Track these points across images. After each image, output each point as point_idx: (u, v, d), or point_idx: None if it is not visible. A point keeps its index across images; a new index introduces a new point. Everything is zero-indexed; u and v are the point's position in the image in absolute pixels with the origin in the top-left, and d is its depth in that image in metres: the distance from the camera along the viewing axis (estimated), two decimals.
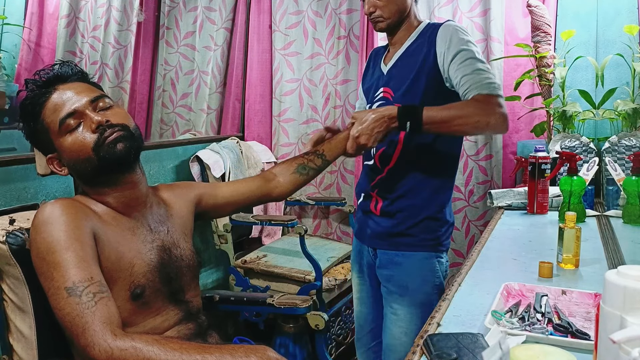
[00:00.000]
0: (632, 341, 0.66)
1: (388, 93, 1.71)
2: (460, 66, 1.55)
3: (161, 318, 1.26)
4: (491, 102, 1.50)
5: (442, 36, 1.61)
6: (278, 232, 3.14)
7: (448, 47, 1.58)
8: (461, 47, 1.57)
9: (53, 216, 1.14)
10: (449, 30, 1.61)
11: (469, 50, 1.57)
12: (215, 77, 3.39)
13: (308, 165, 1.57)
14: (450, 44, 1.58)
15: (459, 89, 1.56)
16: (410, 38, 1.71)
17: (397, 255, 1.71)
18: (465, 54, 1.56)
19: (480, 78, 1.52)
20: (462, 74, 1.54)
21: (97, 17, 3.43)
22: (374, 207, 1.73)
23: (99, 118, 1.20)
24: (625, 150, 2.20)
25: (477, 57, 1.56)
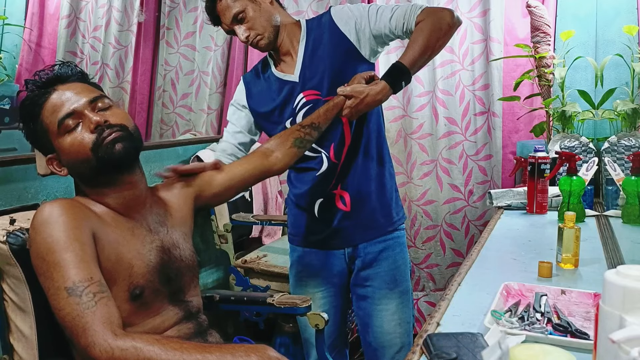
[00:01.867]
0: (632, 341, 0.66)
1: (312, 95, 1.67)
2: (379, 16, 1.60)
3: (161, 318, 1.26)
4: (430, 11, 1.56)
5: (340, 17, 1.64)
6: (278, 232, 3.14)
7: (356, 18, 1.62)
8: (364, 8, 1.63)
9: (52, 216, 1.14)
10: (342, 9, 1.65)
11: (370, 6, 1.63)
12: (215, 77, 3.39)
13: (305, 138, 1.56)
14: (354, 13, 1.63)
15: (397, 31, 1.60)
16: (302, 38, 1.69)
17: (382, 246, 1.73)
18: (374, 7, 1.62)
19: (403, 8, 1.58)
20: (388, 17, 1.59)
21: (97, 17, 3.43)
22: (341, 204, 1.71)
23: (98, 118, 1.20)
24: (625, 151, 2.21)
25: (379, 4, 1.63)
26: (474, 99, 2.80)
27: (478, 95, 2.79)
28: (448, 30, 1.57)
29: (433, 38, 1.54)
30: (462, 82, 2.81)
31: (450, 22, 1.56)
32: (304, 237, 1.80)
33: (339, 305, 1.83)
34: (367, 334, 1.80)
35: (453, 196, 2.84)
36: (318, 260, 1.79)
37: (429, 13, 1.56)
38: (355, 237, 1.74)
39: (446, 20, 1.55)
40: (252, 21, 1.62)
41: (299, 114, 1.68)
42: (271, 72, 1.73)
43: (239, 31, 1.63)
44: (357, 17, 1.62)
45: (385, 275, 1.74)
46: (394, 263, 1.75)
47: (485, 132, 2.79)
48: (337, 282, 1.80)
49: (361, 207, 1.71)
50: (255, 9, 1.62)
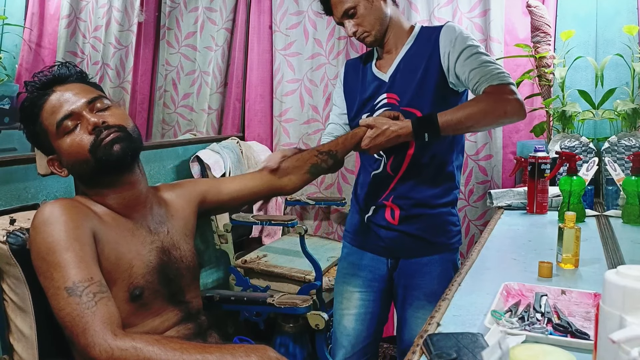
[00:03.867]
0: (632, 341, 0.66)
1: (393, 99, 1.69)
2: (467, 61, 1.57)
3: (160, 319, 1.26)
4: (504, 91, 1.51)
5: (445, 36, 1.62)
6: (278, 232, 3.14)
7: (453, 46, 1.60)
8: (467, 44, 1.59)
9: (53, 216, 1.14)
10: (452, 31, 1.62)
11: (474, 46, 1.59)
12: (216, 77, 3.40)
13: (321, 165, 1.57)
14: (455, 42, 1.60)
15: (469, 84, 1.58)
16: (408, 42, 1.70)
17: (424, 262, 1.70)
18: (471, 50, 1.58)
19: (489, 70, 1.54)
20: (470, 68, 1.56)
21: (98, 17, 3.42)
22: (390, 216, 1.70)
23: (95, 120, 1.20)
24: (625, 150, 2.21)
25: (482, 52, 1.58)
26: None
27: None
28: (501, 117, 1.53)
29: (481, 114, 1.51)
30: None
31: (509, 112, 1.51)
32: (354, 236, 1.82)
33: (376, 312, 1.80)
34: (402, 332, 1.79)
35: None
36: (362, 261, 1.79)
37: (498, 91, 1.51)
38: (399, 252, 1.73)
39: (505, 109, 1.50)
40: (361, 18, 1.65)
41: (375, 113, 1.70)
42: (370, 65, 1.77)
43: (347, 25, 1.67)
44: (453, 47, 1.60)
45: (425, 288, 1.71)
46: (437, 278, 1.70)
47: (486, 132, 2.79)
48: (377, 287, 1.78)
49: (409, 225, 1.70)
50: (367, 7, 1.64)
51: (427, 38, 1.67)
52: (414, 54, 1.68)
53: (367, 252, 1.78)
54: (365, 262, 1.79)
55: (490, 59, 1.57)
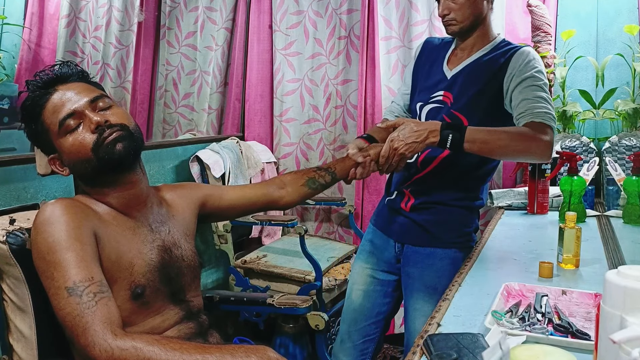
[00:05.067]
0: (633, 341, 0.65)
1: (447, 98, 1.71)
2: (525, 90, 1.58)
3: (161, 318, 1.26)
4: (540, 130, 1.51)
5: (517, 59, 1.62)
6: (278, 232, 3.14)
7: (519, 70, 1.60)
8: (531, 73, 1.59)
9: (54, 216, 1.14)
10: (525, 55, 1.62)
11: (537, 78, 1.59)
12: (216, 77, 3.39)
13: (318, 180, 1.59)
14: (522, 67, 1.60)
15: (515, 111, 1.59)
16: (484, 49, 1.70)
17: (427, 253, 1.72)
18: (532, 81, 1.58)
19: (539, 106, 1.54)
20: (523, 97, 1.57)
21: (98, 17, 3.43)
22: (404, 204, 1.75)
23: (98, 118, 1.20)
24: (626, 150, 2.21)
25: (542, 87, 1.58)
26: None
27: None
28: (525, 154, 1.56)
29: (505, 145, 1.51)
30: None
31: (534, 152, 1.52)
32: (376, 217, 1.88)
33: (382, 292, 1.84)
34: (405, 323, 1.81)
35: None
36: (375, 239, 1.85)
37: (535, 129, 1.52)
38: (405, 237, 1.77)
39: (531, 147, 1.51)
40: (460, 5, 1.65)
41: (427, 106, 1.74)
42: (444, 55, 1.78)
43: (441, 4, 1.68)
44: (519, 70, 1.60)
45: (424, 279, 1.72)
46: (436, 272, 1.71)
47: None
48: (385, 267, 1.83)
49: (418, 215, 1.73)
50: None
51: (502, 53, 1.67)
52: (484, 62, 1.69)
53: (380, 232, 1.84)
54: (377, 241, 1.84)
55: (546, 96, 1.57)
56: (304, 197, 1.60)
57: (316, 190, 1.60)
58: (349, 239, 3.11)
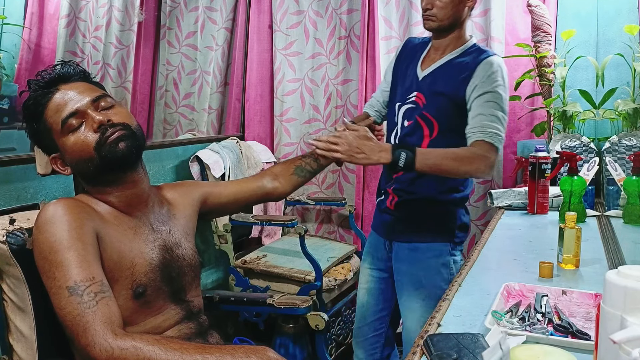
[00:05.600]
0: (633, 341, 0.65)
1: (420, 99, 1.76)
2: (483, 105, 1.63)
3: (162, 317, 1.26)
4: (487, 151, 1.61)
5: (482, 69, 1.66)
6: (278, 232, 3.13)
7: (482, 82, 1.65)
8: (493, 88, 1.64)
9: (56, 216, 1.14)
10: (490, 67, 1.66)
11: (497, 95, 1.64)
12: (216, 77, 3.40)
13: (305, 167, 1.62)
14: (485, 79, 1.65)
15: (470, 122, 1.65)
16: (455, 52, 1.74)
17: (412, 248, 1.78)
18: (492, 96, 1.64)
19: (492, 126, 1.62)
20: (480, 112, 1.63)
21: (98, 17, 3.43)
22: (389, 203, 1.81)
23: (101, 117, 1.20)
24: (626, 150, 2.20)
25: (500, 105, 1.64)
26: None
27: None
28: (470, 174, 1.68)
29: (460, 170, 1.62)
30: None
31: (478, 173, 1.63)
32: (373, 217, 1.98)
33: (382, 289, 1.90)
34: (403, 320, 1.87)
35: None
36: (373, 241, 1.93)
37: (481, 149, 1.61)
38: (392, 234, 1.83)
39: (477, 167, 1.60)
40: (444, 3, 1.69)
41: (404, 106, 1.79)
42: (420, 55, 1.82)
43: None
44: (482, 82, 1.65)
45: (411, 274, 1.79)
46: (423, 266, 1.77)
47: None
48: (382, 267, 1.89)
49: (402, 211, 1.80)
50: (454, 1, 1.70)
51: (472, 59, 1.70)
52: (452, 66, 1.72)
53: (374, 232, 1.93)
54: (373, 241, 1.93)
55: (501, 115, 1.63)
56: (295, 186, 1.61)
57: (305, 178, 1.63)
58: (350, 239, 3.11)
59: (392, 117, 1.84)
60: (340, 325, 2.66)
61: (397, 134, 1.80)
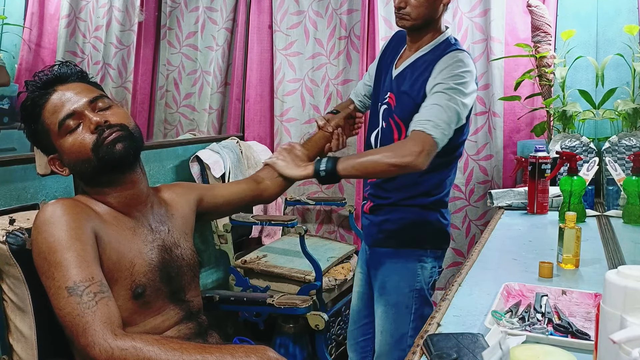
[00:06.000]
0: (633, 341, 0.65)
1: (392, 100, 1.71)
2: (433, 95, 1.54)
3: (162, 317, 1.26)
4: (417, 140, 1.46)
5: (442, 63, 1.58)
6: (278, 232, 3.13)
7: (438, 74, 1.56)
8: (445, 81, 1.54)
9: (55, 216, 1.14)
10: (448, 60, 1.58)
11: (450, 88, 1.53)
12: (216, 77, 3.40)
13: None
14: (441, 72, 1.56)
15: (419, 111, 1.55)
16: (425, 49, 1.67)
17: (381, 253, 1.76)
18: (443, 86, 1.53)
19: (430, 114, 1.49)
20: (428, 102, 1.53)
21: (98, 17, 3.43)
22: (366, 207, 1.79)
23: (98, 119, 1.20)
24: (626, 150, 2.20)
25: (448, 93, 1.52)
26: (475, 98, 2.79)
27: (479, 95, 2.78)
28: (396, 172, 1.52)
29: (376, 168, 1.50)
30: None
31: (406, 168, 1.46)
32: None
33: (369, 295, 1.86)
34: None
35: (454, 195, 2.84)
36: (362, 245, 1.91)
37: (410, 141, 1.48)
38: (368, 238, 1.81)
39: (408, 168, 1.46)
40: (418, 2, 1.61)
41: (382, 106, 1.74)
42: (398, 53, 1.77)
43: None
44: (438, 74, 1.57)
45: (381, 279, 1.76)
46: (388, 271, 1.74)
47: (486, 132, 2.79)
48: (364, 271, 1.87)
49: (375, 216, 1.77)
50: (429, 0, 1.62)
51: (437, 56, 1.62)
52: (420, 64, 1.65)
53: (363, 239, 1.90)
54: (362, 245, 1.90)
55: (444, 104, 1.50)
56: (283, 187, 1.60)
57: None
58: (350, 238, 3.11)
59: (374, 116, 1.78)
60: (340, 325, 2.66)
61: (378, 135, 1.75)
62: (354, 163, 1.50)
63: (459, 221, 2.85)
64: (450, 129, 1.50)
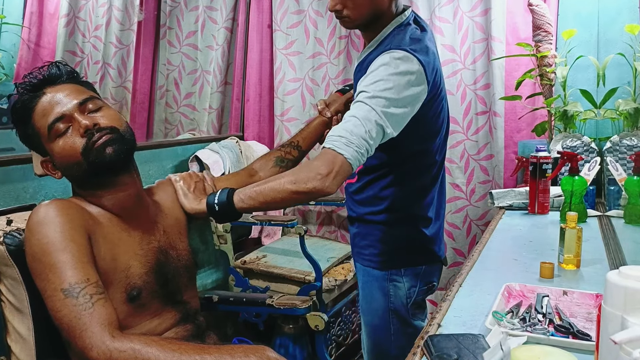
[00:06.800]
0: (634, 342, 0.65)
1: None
2: (354, 105, 1.34)
3: (158, 320, 1.25)
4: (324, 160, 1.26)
5: (372, 66, 1.37)
6: (278, 232, 3.13)
7: (363, 79, 1.36)
8: (368, 88, 1.32)
9: (48, 217, 1.13)
10: (380, 62, 1.35)
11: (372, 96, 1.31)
12: (216, 76, 3.40)
13: (286, 157, 1.57)
14: (368, 74, 1.36)
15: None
16: (371, 45, 1.49)
17: (357, 268, 1.65)
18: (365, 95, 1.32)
19: (347, 127, 1.28)
20: (347, 114, 1.33)
21: (97, 16, 3.42)
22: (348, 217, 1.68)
23: (87, 122, 1.19)
24: (627, 150, 2.20)
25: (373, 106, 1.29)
26: (476, 98, 2.79)
27: (479, 95, 2.78)
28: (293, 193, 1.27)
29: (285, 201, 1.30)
30: (463, 81, 2.80)
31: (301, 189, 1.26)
32: None
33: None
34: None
35: (455, 195, 2.84)
36: None
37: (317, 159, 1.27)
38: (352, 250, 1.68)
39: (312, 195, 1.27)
40: (354, 3, 1.42)
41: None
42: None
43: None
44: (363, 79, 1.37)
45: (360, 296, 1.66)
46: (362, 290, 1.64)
47: (487, 132, 2.78)
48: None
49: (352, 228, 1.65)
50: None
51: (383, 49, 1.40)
52: (362, 65, 1.47)
53: None
54: None
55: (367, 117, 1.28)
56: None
57: (287, 167, 1.54)
58: None
59: None
60: (340, 326, 2.66)
61: None
62: (251, 192, 1.30)
63: (460, 221, 2.85)
64: (369, 144, 1.28)
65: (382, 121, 1.30)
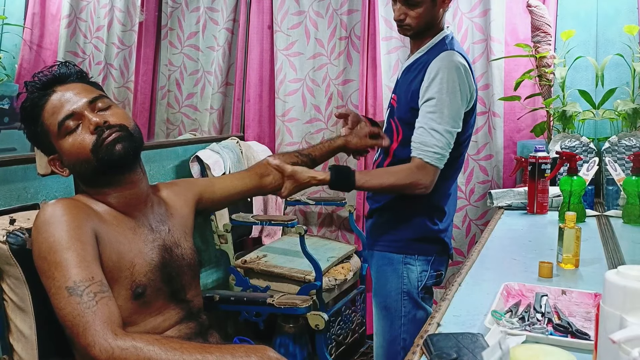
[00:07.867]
0: (632, 341, 0.66)
1: (394, 101, 1.75)
2: (424, 115, 1.59)
3: (162, 317, 1.26)
4: (423, 171, 1.57)
5: (430, 69, 1.60)
6: (278, 232, 3.13)
7: (427, 85, 1.59)
8: (436, 95, 1.57)
9: (55, 216, 1.14)
10: (436, 68, 1.59)
11: (441, 102, 1.57)
12: (217, 77, 3.40)
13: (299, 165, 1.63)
14: (431, 83, 1.58)
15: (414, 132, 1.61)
16: (422, 49, 1.69)
17: (373, 255, 1.80)
18: (432, 105, 1.57)
19: (430, 141, 1.56)
20: (420, 125, 1.59)
21: (99, 17, 3.43)
22: (366, 211, 1.86)
23: (97, 119, 1.20)
24: (625, 150, 2.20)
25: (440, 114, 1.57)
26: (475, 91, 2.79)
27: (479, 95, 2.77)
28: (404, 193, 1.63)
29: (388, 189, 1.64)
30: None
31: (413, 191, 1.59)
32: None
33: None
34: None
35: None
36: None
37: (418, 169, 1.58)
38: (367, 242, 1.86)
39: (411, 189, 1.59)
40: (417, 14, 1.64)
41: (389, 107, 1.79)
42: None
43: (397, 9, 1.67)
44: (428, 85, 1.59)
45: (373, 281, 1.81)
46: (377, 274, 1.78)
47: (486, 132, 2.79)
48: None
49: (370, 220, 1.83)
50: (428, 9, 1.64)
51: (431, 56, 1.63)
52: (418, 64, 1.67)
53: None
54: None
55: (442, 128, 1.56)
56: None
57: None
58: (352, 238, 3.11)
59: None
60: (340, 325, 2.66)
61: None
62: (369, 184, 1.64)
63: (459, 221, 2.85)
64: (449, 147, 1.59)
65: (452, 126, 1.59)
